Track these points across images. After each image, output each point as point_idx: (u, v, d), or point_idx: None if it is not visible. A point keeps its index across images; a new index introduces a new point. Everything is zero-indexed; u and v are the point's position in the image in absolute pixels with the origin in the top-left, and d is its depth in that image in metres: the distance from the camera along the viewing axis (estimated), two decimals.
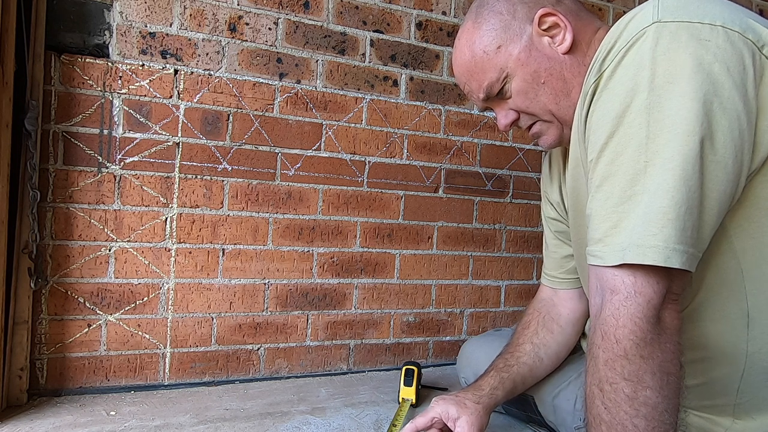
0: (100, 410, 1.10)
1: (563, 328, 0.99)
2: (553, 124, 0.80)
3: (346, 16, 1.39)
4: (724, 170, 0.57)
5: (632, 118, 0.58)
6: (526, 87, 0.77)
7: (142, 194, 1.21)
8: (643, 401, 0.56)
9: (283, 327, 1.36)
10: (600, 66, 0.63)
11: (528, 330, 1.00)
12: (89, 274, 1.18)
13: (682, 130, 0.55)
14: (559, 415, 0.98)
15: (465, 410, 0.86)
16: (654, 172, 0.56)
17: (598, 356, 0.59)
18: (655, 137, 0.57)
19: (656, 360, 0.56)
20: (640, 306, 0.57)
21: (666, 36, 0.57)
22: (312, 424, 1.07)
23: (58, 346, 1.16)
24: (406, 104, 1.47)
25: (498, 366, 0.96)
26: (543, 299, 1.04)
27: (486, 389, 0.91)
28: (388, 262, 1.47)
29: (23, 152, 1.08)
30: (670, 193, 0.55)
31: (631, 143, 0.58)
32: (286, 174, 1.34)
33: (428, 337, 1.53)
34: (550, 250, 1.02)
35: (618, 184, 0.59)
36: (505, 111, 0.82)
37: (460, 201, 1.54)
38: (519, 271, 1.64)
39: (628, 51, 0.60)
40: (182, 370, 1.27)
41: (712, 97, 0.56)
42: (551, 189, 0.99)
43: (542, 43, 0.76)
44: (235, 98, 1.28)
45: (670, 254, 0.55)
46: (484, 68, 0.79)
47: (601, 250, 0.60)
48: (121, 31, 1.18)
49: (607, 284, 0.60)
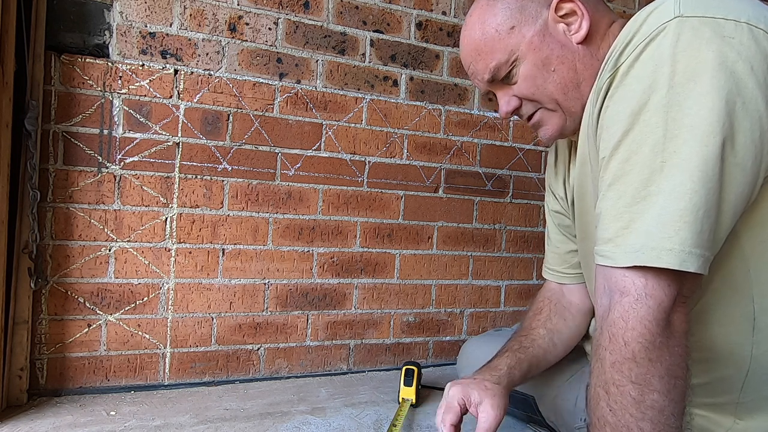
0: (100, 410, 1.10)
1: (575, 317, 0.97)
2: (556, 114, 0.77)
3: (346, 16, 1.39)
4: (743, 173, 0.55)
5: (649, 116, 0.57)
6: (535, 73, 0.74)
7: (142, 194, 1.21)
8: (649, 405, 0.55)
9: (283, 327, 1.36)
10: (616, 61, 0.61)
11: (540, 315, 0.98)
12: (89, 274, 1.18)
13: (703, 131, 0.54)
14: (559, 414, 0.98)
15: (486, 393, 0.81)
16: (671, 172, 0.55)
17: (605, 358, 0.58)
18: (673, 137, 0.55)
19: (664, 364, 0.56)
20: (651, 309, 0.56)
21: (688, 31, 0.56)
22: (312, 424, 1.07)
23: (58, 346, 1.16)
24: (406, 104, 1.47)
25: (513, 347, 0.93)
26: (552, 289, 1.02)
27: (503, 368, 0.87)
28: (388, 262, 1.47)
29: (23, 152, 1.08)
30: (688, 195, 0.54)
31: (647, 142, 0.57)
32: (286, 174, 1.34)
33: (428, 337, 1.53)
34: (553, 245, 1.00)
35: (632, 183, 0.58)
36: (508, 97, 0.79)
37: (460, 201, 1.54)
38: (519, 271, 1.63)
39: (647, 46, 0.58)
40: (182, 370, 1.27)
41: (734, 96, 0.54)
42: (556, 182, 0.97)
43: (557, 29, 0.73)
44: (235, 98, 1.28)
45: (686, 258, 0.54)
46: (493, 48, 0.75)
47: (611, 250, 0.59)
48: (121, 31, 1.18)
49: (616, 285, 0.59)
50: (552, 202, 0.99)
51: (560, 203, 0.97)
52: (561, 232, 0.99)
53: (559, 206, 0.97)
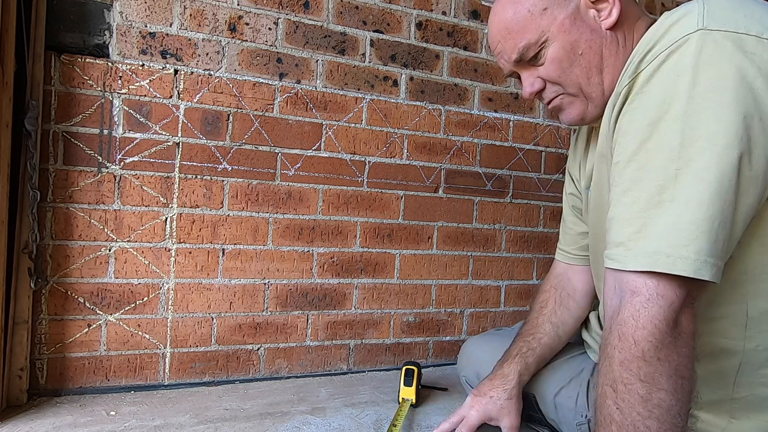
0: (100, 410, 1.10)
1: (578, 303, 1.02)
2: (578, 99, 0.78)
3: (346, 16, 1.39)
4: (756, 186, 0.57)
5: (667, 125, 0.58)
6: (563, 56, 0.75)
7: (142, 194, 1.21)
8: (656, 403, 0.56)
9: (283, 327, 1.36)
10: (636, 67, 0.62)
11: (546, 309, 1.03)
12: (89, 274, 1.18)
13: (721, 143, 0.55)
14: (560, 412, 0.99)
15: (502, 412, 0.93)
16: (686, 180, 0.56)
17: (614, 356, 0.59)
18: (688, 145, 0.56)
19: (672, 363, 0.57)
20: (662, 309, 0.57)
21: (710, 45, 0.57)
22: (312, 424, 1.07)
23: (58, 346, 1.16)
24: (406, 104, 1.47)
25: (522, 350, 0.99)
26: (558, 274, 1.06)
27: (514, 378, 0.95)
28: (388, 262, 1.47)
29: (23, 152, 1.08)
30: (705, 206, 0.55)
31: (663, 150, 0.58)
32: (286, 174, 1.34)
33: (428, 337, 1.53)
34: (567, 226, 1.04)
35: (645, 189, 0.59)
36: (533, 79, 0.80)
37: (460, 201, 1.54)
38: (519, 271, 1.64)
39: (669, 56, 0.59)
40: (182, 370, 1.27)
41: (753, 111, 0.55)
42: (573, 163, 1.00)
43: (588, 14, 0.74)
44: (235, 98, 1.29)
45: (701, 266, 0.55)
46: (524, 28, 0.76)
47: (623, 254, 0.60)
48: (121, 31, 1.18)
49: (627, 286, 0.60)
50: (568, 183, 1.03)
51: (576, 185, 1.00)
52: (574, 213, 1.02)
53: (573, 188, 1.01)
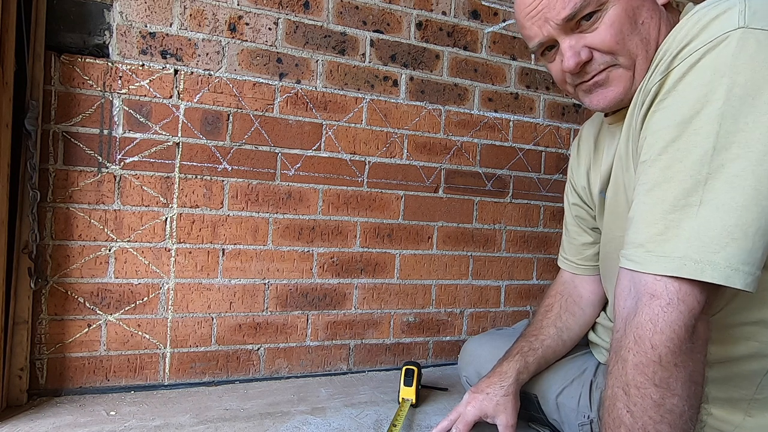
0: (100, 410, 1.10)
1: (584, 310, 1.00)
2: (627, 74, 0.70)
3: (346, 16, 1.39)
4: None
5: (700, 125, 0.56)
6: (623, 21, 0.67)
7: (142, 194, 1.21)
8: (669, 408, 0.55)
9: (283, 327, 1.36)
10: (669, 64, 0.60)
11: (551, 313, 1.01)
12: (89, 274, 1.18)
13: (759, 150, 0.53)
14: (562, 412, 0.99)
15: (498, 408, 0.92)
16: (716, 186, 0.54)
17: (627, 359, 0.58)
18: (723, 149, 0.54)
19: (688, 369, 0.56)
20: (682, 314, 0.56)
21: (752, 44, 0.54)
22: (312, 424, 1.07)
23: (58, 346, 1.16)
24: (406, 104, 1.47)
25: (523, 350, 0.97)
26: (564, 281, 1.04)
27: (511, 375, 0.94)
28: (388, 262, 1.47)
29: (23, 152, 1.08)
30: (738, 212, 0.53)
31: (694, 151, 0.56)
32: (286, 174, 1.34)
33: (428, 337, 1.53)
34: (570, 236, 1.02)
35: (672, 191, 0.57)
36: (579, 48, 0.70)
37: (460, 201, 1.54)
38: (519, 271, 1.63)
39: (706, 54, 0.56)
40: (182, 370, 1.27)
41: None
42: (578, 174, 0.97)
43: None
44: (235, 98, 1.28)
45: (732, 274, 0.54)
46: None
47: (642, 255, 0.59)
48: (121, 31, 1.18)
49: (645, 288, 0.58)
50: (571, 193, 1.00)
51: (580, 195, 0.97)
52: (578, 224, 1.00)
53: (577, 198, 0.98)
